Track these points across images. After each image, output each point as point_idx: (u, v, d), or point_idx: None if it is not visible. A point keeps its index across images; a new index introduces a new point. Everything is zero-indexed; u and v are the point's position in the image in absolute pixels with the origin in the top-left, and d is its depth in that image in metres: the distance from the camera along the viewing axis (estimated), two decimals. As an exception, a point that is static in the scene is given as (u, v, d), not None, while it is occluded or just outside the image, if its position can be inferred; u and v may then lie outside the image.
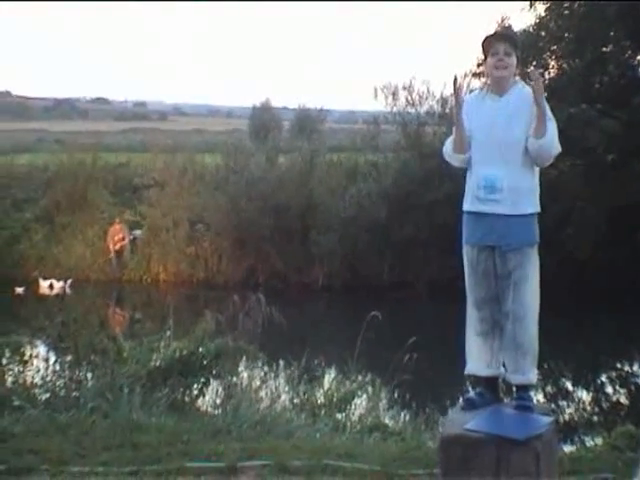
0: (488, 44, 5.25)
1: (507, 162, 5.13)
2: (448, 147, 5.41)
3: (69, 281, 24.11)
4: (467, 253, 5.36)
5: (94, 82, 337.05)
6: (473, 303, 5.35)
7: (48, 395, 9.32)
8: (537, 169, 5.25)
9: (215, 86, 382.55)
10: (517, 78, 5.33)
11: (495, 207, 5.13)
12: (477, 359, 5.37)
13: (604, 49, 23.69)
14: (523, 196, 5.16)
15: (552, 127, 5.09)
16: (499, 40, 5.25)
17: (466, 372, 5.46)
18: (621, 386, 16.31)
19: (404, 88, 26.05)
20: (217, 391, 10.13)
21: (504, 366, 5.35)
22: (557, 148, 5.13)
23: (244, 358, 10.85)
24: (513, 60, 5.23)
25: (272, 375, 12.32)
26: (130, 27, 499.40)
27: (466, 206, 5.32)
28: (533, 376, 5.31)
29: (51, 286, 23.99)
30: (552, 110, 5.27)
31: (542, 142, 5.05)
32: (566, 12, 23.31)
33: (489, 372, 5.36)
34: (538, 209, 5.24)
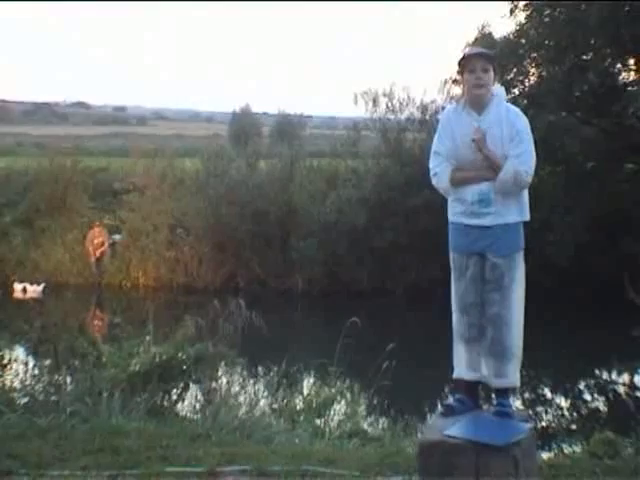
0: (465, 61, 5.29)
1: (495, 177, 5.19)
2: (446, 182, 5.37)
3: (42, 285, 24.00)
4: (455, 259, 5.39)
5: (74, 86, 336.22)
6: (461, 309, 5.36)
7: (27, 399, 9.26)
8: None
9: (196, 91, 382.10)
10: (493, 91, 5.33)
11: (487, 220, 5.20)
12: (465, 364, 5.39)
13: (584, 57, 23.76)
14: (511, 206, 5.24)
15: (510, 163, 5.15)
16: (476, 57, 5.29)
17: (455, 376, 5.48)
18: (599, 393, 16.35)
19: (384, 94, 26.14)
20: (196, 396, 10.09)
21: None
22: (524, 174, 5.18)
23: (223, 363, 10.84)
24: (491, 76, 5.27)
25: (251, 380, 12.30)
26: (110, 31, 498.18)
27: (456, 218, 5.35)
28: (516, 379, 5.35)
29: (24, 290, 23.87)
30: (532, 118, 5.29)
31: (498, 181, 5.15)
32: (547, 19, 23.37)
33: (476, 376, 5.38)
34: (526, 217, 5.32)
